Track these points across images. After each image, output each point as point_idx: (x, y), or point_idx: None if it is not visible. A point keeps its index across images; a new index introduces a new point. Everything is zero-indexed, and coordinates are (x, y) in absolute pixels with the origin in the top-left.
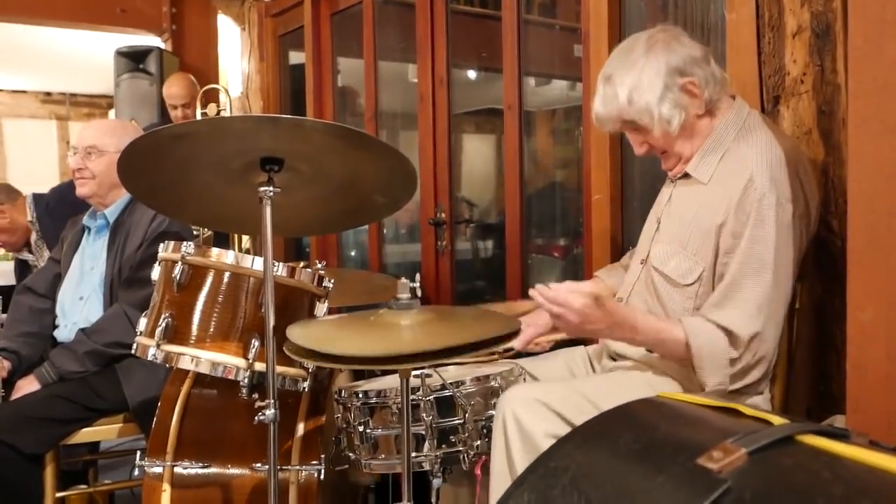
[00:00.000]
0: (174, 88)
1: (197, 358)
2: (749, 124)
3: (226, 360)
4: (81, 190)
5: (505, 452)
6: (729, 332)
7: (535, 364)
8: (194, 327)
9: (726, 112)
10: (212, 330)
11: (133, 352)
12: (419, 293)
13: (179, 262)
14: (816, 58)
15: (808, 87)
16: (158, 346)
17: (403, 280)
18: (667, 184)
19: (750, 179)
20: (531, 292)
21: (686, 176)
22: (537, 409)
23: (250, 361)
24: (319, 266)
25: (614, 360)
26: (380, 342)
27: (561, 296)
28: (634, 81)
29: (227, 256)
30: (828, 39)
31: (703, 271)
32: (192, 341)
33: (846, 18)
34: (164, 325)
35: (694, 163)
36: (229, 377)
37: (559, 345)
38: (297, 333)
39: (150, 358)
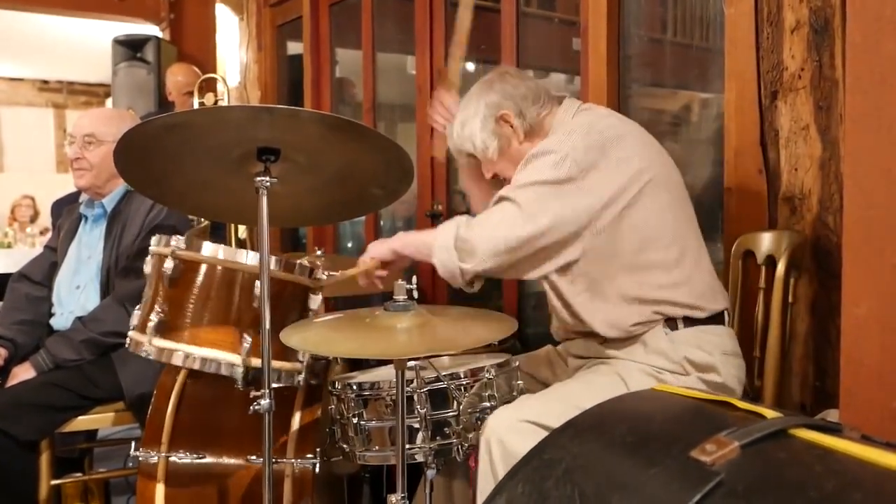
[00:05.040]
0: (181, 77)
1: (190, 354)
2: (578, 113)
3: (219, 356)
4: (79, 182)
5: (490, 473)
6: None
7: (527, 360)
8: (187, 323)
9: (551, 121)
10: (204, 325)
11: (126, 346)
12: (416, 295)
13: (170, 257)
14: (814, 53)
15: (806, 83)
16: (150, 341)
17: (400, 282)
18: None
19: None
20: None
21: None
22: (522, 428)
23: (244, 357)
24: (319, 253)
25: (576, 358)
26: (376, 345)
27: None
28: (462, 118)
29: (219, 251)
30: (826, 35)
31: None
32: (185, 337)
33: (845, 14)
34: (155, 320)
35: None
36: (223, 374)
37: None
38: (294, 337)
39: (142, 354)
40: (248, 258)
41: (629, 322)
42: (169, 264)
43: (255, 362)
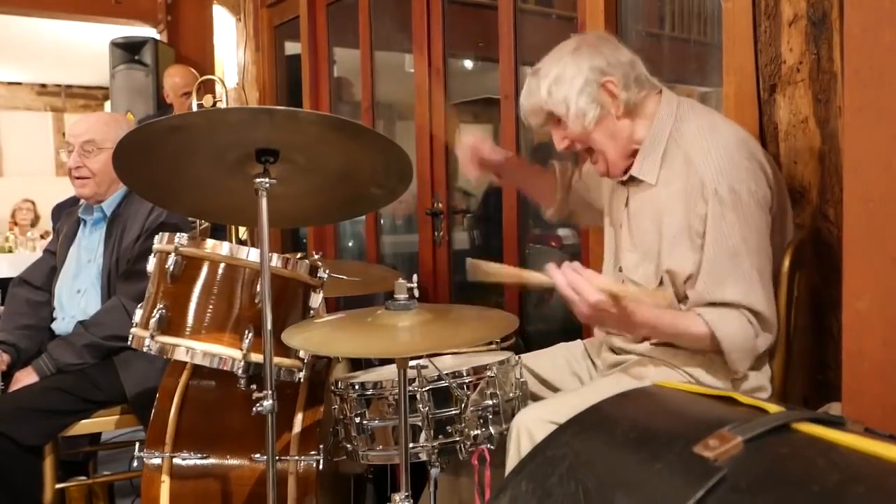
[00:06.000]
0: (178, 78)
1: (192, 349)
2: (681, 115)
3: (221, 352)
4: (82, 191)
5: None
6: (748, 309)
7: (535, 360)
8: (189, 318)
9: (655, 110)
10: (207, 321)
11: (129, 343)
12: (416, 293)
13: (173, 254)
14: (813, 46)
15: (805, 76)
16: (153, 337)
17: (401, 280)
18: (617, 188)
19: (700, 180)
20: (548, 270)
21: (633, 179)
22: (550, 429)
23: (245, 352)
24: (316, 257)
25: (615, 353)
26: (377, 345)
27: (580, 284)
28: (557, 74)
29: (222, 248)
30: (824, 28)
31: (663, 276)
32: (187, 333)
33: (842, 6)
34: (158, 316)
35: (637, 165)
36: (224, 368)
37: (557, 338)
38: (296, 337)
39: (145, 349)
40: (250, 255)
41: None
42: (172, 261)
43: (256, 358)
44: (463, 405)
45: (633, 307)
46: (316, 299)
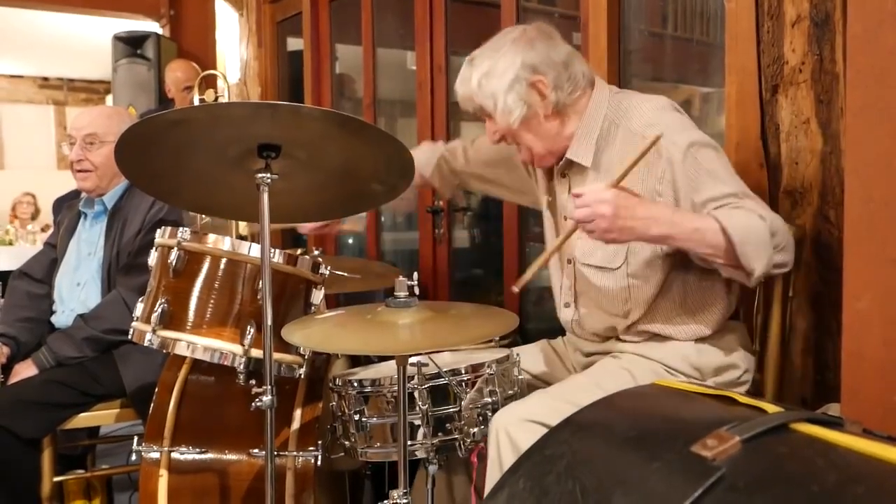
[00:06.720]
0: (180, 73)
1: (193, 344)
2: (613, 99)
3: (222, 347)
4: (84, 184)
5: (499, 468)
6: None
7: (523, 354)
8: (191, 313)
9: (587, 105)
10: (208, 316)
11: (129, 337)
12: (417, 291)
13: (176, 248)
14: (815, 47)
15: (807, 77)
16: (155, 331)
17: (401, 278)
18: (557, 181)
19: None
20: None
21: (571, 165)
22: (528, 427)
23: (246, 348)
24: (316, 253)
25: (585, 356)
26: (377, 341)
27: (590, 195)
28: (489, 68)
29: (224, 243)
30: (827, 29)
31: (626, 250)
32: (188, 327)
33: (845, 7)
34: (160, 310)
35: (573, 148)
36: (225, 363)
37: (556, 336)
38: (296, 333)
39: (146, 343)
40: (252, 250)
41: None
42: (174, 255)
43: (257, 353)
44: (461, 403)
45: (649, 202)
46: (317, 296)
